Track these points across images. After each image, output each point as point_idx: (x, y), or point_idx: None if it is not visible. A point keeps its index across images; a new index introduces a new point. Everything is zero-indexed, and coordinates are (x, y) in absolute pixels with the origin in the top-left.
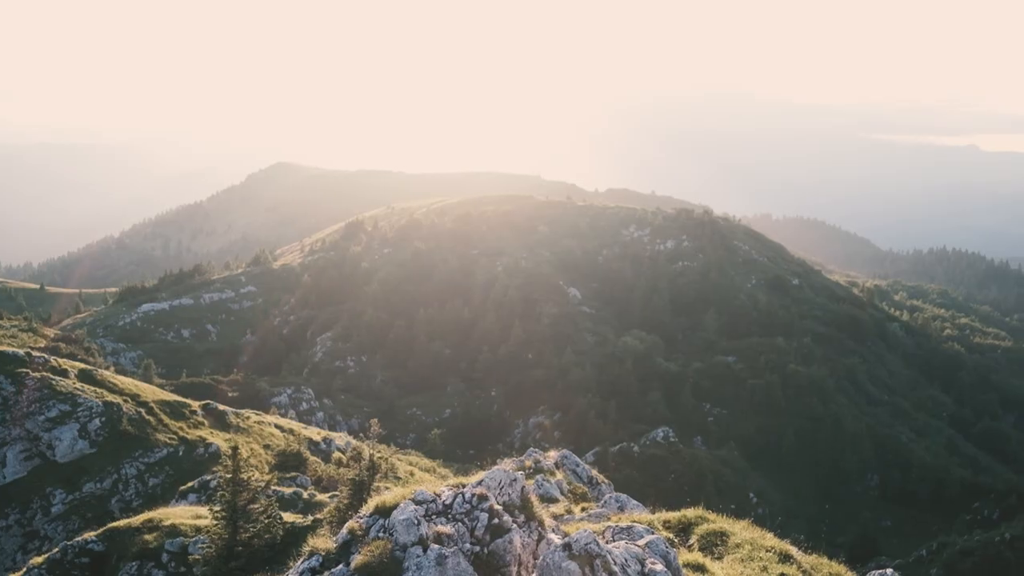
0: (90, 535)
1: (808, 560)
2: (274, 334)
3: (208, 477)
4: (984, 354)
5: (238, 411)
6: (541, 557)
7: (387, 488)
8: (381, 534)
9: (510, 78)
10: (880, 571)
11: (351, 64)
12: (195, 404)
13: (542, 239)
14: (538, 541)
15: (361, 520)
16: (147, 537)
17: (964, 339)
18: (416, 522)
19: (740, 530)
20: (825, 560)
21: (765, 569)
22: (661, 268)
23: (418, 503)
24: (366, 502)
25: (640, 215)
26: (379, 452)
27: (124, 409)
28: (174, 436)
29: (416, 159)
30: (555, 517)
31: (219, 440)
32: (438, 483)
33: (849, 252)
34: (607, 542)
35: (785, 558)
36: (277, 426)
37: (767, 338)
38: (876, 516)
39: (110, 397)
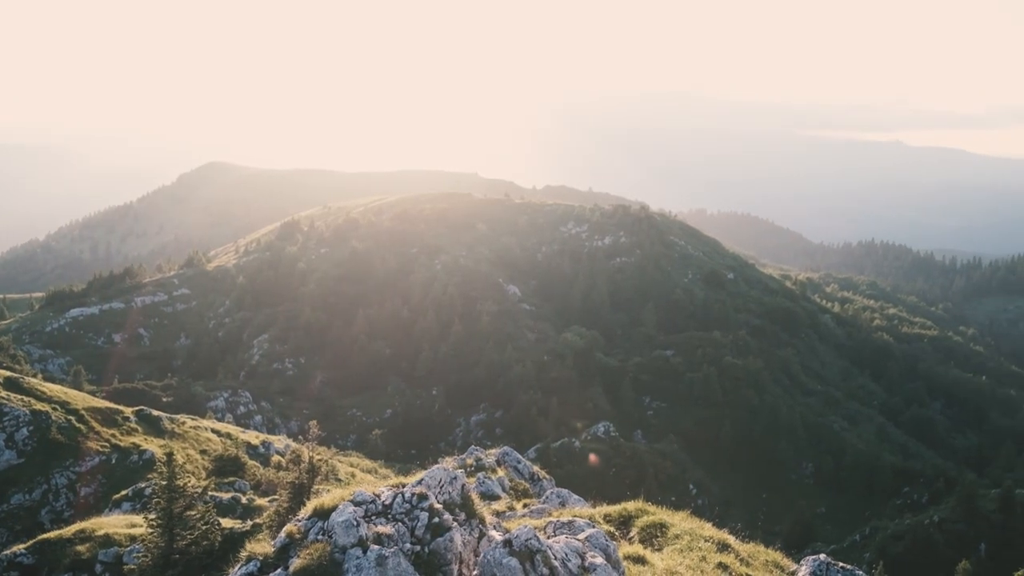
0: (19, 548)
1: (745, 549)
2: (209, 337)
3: (143, 485)
4: (912, 343)
5: (173, 416)
6: (482, 554)
7: (327, 491)
8: (320, 536)
9: (447, 77)
10: (814, 556)
11: (285, 62)
12: (128, 410)
13: (481, 237)
14: (479, 539)
15: (299, 523)
16: (79, 548)
17: (893, 329)
18: (355, 523)
19: (679, 521)
20: (762, 548)
21: (704, 559)
22: (599, 264)
23: (357, 504)
24: (306, 505)
25: (578, 212)
26: (319, 454)
27: (53, 417)
28: (106, 444)
29: (353, 158)
30: (497, 514)
31: (153, 447)
32: (379, 483)
33: (782, 246)
34: (548, 537)
35: (723, 547)
36: (214, 431)
37: (704, 332)
38: (811, 503)
39: (38, 405)
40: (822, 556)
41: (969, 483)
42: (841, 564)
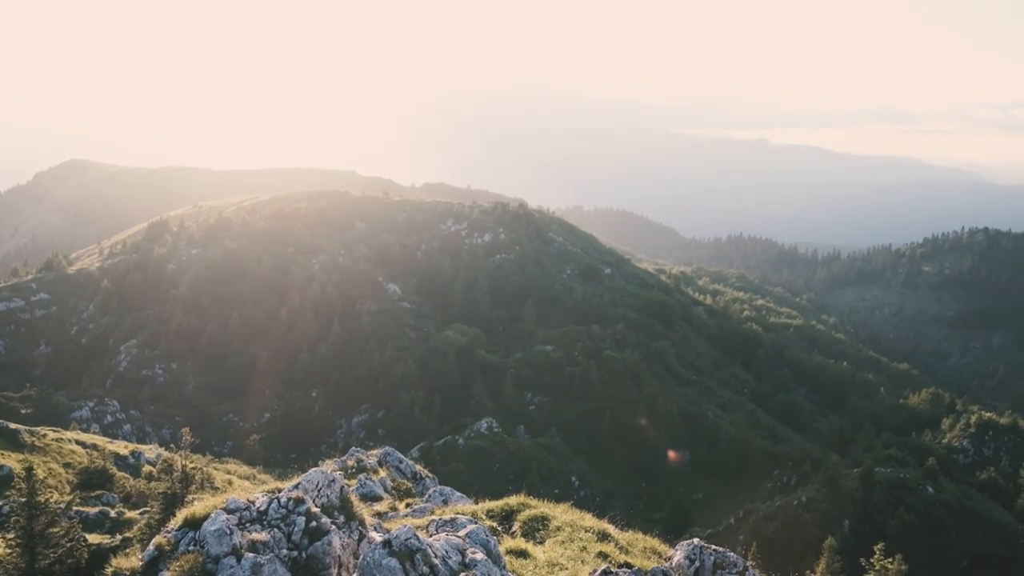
0: None
1: (625, 537)
2: (72, 344)
3: (0, 503)
4: (778, 332)
5: (32, 429)
6: (362, 556)
7: (201, 500)
8: (191, 547)
9: (323, 73)
10: (688, 541)
11: (150, 54)
12: None
13: (359, 235)
14: (359, 540)
15: (169, 534)
16: None
17: (761, 319)
18: (228, 531)
19: (560, 513)
20: (641, 535)
21: (584, 549)
22: (479, 261)
23: (230, 512)
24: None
25: (457, 209)
26: (192, 462)
27: None
28: None
29: (224, 155)
30: (379, 515)
31: (11, 462)
32: (255, 490)
33: (656, 241)
34: (430, 536)
35: (603, 537)
36: (79, 442)
37: (583, 326)
38: (689, 490)
39: None
40: (696, 540)
41: (832, 464)
42: (713, 547)
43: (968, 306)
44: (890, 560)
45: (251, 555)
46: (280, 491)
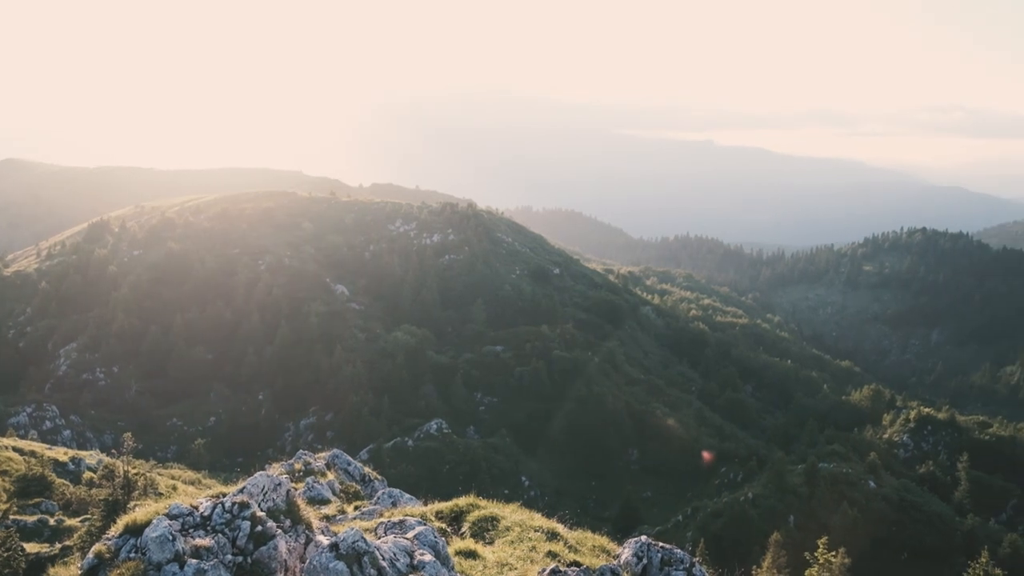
0: None
1: (574, 536)
2: (9, 348)
3: None
4: (725, 331)
5: None
6: (308, 560)
7: (143, 506)
8: (132, 555)
9: (270, 72)
10: (636, 539)
11: (92, 50)
12: None
13: (306, 236)
14: (306, 544)
15: (109, 542)
16: None
17: (708, 318)
18: (171, 538)
19: (510, 513)
20: (589, 534)
21: (534, 548)
22: (429, 262)
23: (173, 517)
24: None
25: (406, 210)
26: (135, 468)
27: None
28: None
29: (167, 155)
30: (327, 518)
31: None
32: (200, 495)
33: (604, 241)
34: (378, 538)
35: (552, 536)
36: (16, 449)
37: (532, 326)
38: (638, 488)
39: None
40: (643, 537)
41: (778, 461)
42: (661, 544)
43: (907, 304)
44: (833, 553)
45: (194, 561)
46: (225, 496)
